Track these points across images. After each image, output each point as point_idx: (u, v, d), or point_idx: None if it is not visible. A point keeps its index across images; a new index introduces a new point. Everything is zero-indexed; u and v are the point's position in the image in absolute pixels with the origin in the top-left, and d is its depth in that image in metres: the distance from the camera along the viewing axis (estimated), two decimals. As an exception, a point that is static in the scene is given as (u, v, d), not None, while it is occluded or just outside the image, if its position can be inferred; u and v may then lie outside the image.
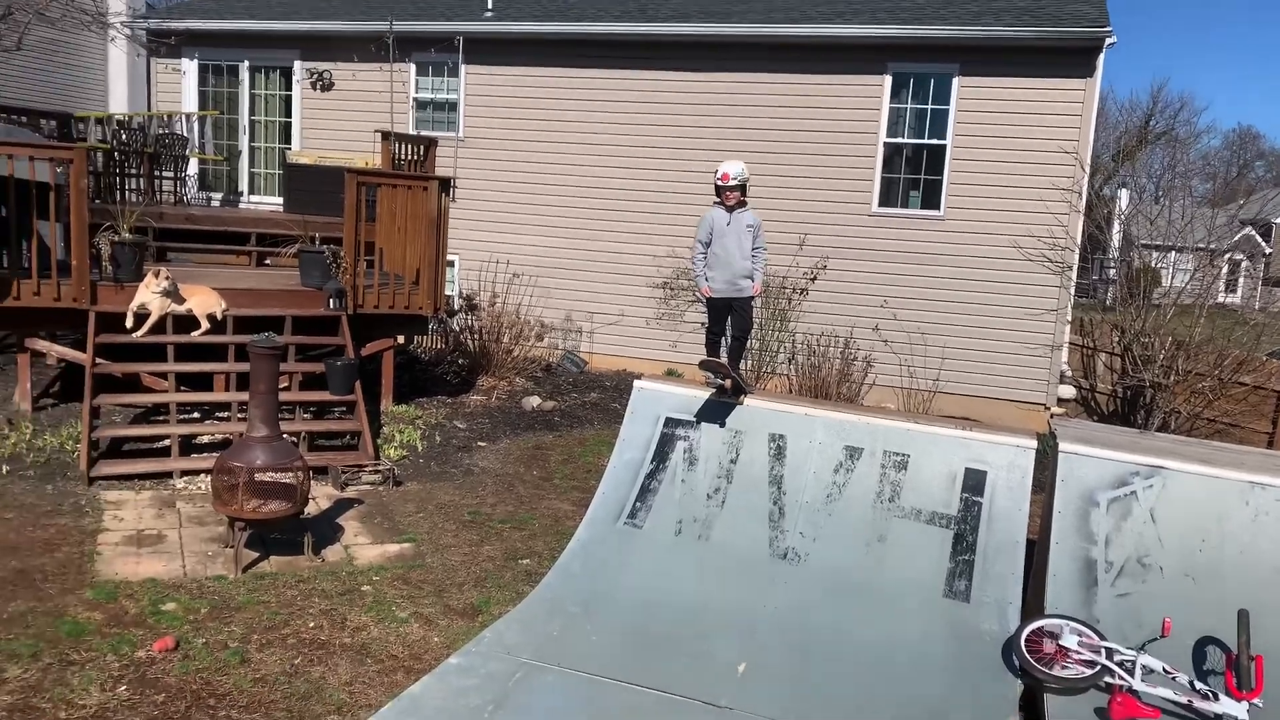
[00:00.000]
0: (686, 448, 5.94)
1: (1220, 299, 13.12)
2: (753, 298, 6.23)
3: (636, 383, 6.40)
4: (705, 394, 6.09)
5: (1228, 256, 15.03)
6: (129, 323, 7.61)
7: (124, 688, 4.22)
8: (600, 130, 12.49)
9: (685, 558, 5.48)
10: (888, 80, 11.44)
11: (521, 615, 5.09)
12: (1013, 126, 10.98)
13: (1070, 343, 11.96)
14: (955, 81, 11.19)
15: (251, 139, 14.12)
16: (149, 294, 7.58)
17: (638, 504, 5.79)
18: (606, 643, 4.81)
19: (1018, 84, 10.99)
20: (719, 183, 6.00)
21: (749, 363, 10.09)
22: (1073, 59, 10.79)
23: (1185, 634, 4.51)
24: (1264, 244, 42.06)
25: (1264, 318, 11.34)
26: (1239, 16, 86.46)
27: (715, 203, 6.12)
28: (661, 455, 5.96)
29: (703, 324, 6.42)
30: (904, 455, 5.56)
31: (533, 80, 12.77)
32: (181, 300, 7.76)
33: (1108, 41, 10.55)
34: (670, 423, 6.06)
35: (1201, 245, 11.70)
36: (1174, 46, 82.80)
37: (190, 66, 14.04)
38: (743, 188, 6.01)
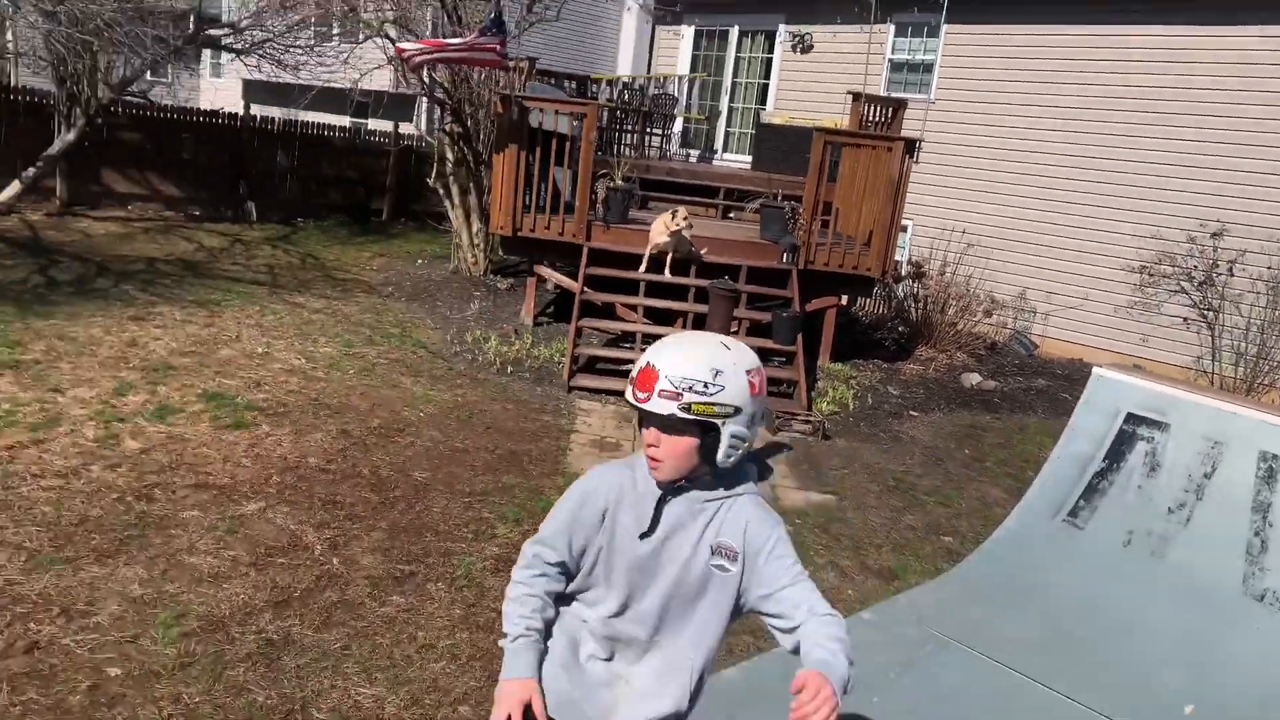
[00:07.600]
0: (1149, 450, 5.31)
1: None
2: None
3: (1096, 369, 5.84)
4: (1179, 392, 5.39)
5: None
6: (643, 266, 8.54)
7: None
8: (1089, 94, 11.38)
9: (1133, 572, 4.94)
10: None
11: (938, 589, 4.99)
12: None
13: None
14: None
15: (731, 100, 15.04)
16: (666, 233, 8.39)
17: (1080, 502, 5.33)
18: (1025, 637, 4.55)
19: None
20: None
21: (1240, 369, 8.71)
22: None
23: None
24: None
25: None
26: None
27: None
28: (1116, 454, 5.39)
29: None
30: None
31: (1018, 39, 11.98)
32: (687, 245, 8.51)
33: None
34: (1132, 419, 5.44)
35: None
36: None
37: (687, 32, 15.28)
38: None
